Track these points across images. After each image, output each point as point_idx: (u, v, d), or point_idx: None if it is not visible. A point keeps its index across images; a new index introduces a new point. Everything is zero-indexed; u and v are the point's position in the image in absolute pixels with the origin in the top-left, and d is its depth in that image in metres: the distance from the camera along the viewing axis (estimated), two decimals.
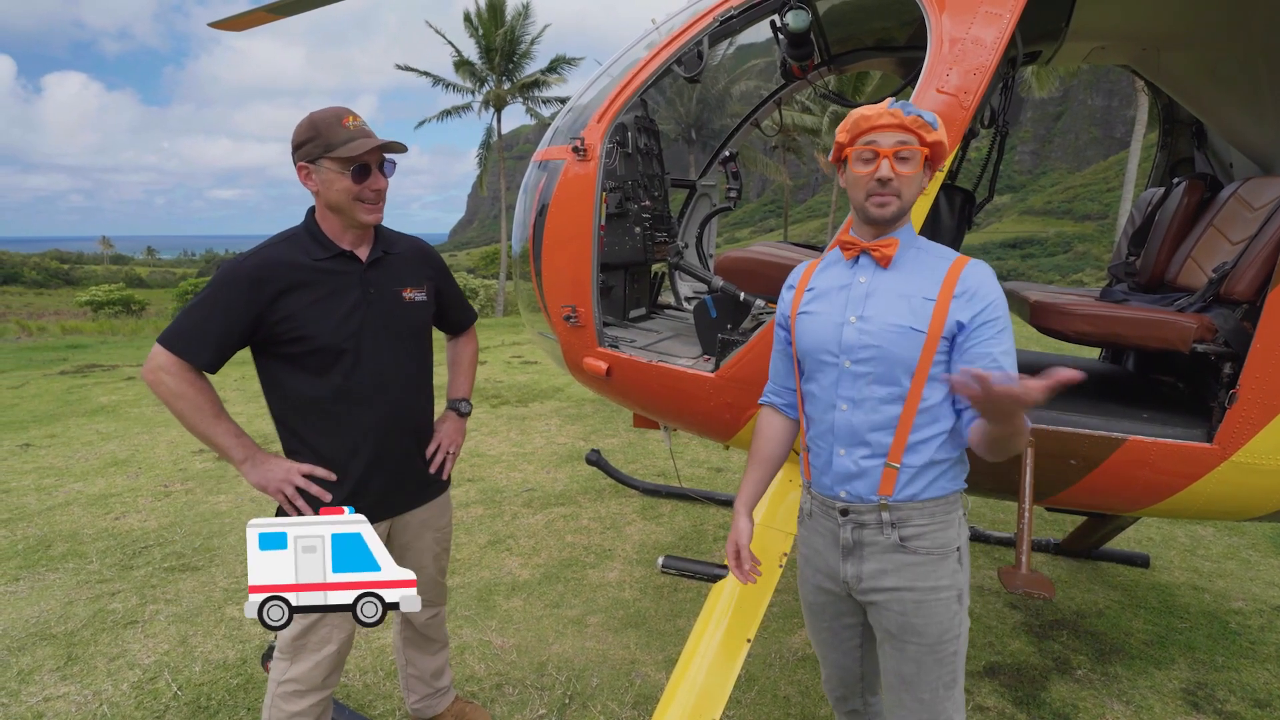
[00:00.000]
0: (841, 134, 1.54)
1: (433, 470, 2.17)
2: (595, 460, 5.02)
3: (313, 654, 1.98)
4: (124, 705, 2.67)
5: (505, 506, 4.68)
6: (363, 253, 1.97)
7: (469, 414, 2.32)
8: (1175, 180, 3.26)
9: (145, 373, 1.82)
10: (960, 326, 1.50)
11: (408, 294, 2.04)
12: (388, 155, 1.91)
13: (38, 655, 2.98)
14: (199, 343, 1.80)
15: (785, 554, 2.40)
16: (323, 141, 1.82)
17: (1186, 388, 2.83)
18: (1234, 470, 2.17)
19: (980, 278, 1.52)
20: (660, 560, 2.49)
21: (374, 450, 1.98)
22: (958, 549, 1.60)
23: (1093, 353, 3.94)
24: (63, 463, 5.59)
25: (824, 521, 1.68)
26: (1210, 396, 2.31)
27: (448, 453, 2.20)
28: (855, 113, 1.53)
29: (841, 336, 1.57)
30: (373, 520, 2.01)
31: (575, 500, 4.78)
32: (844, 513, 1.62)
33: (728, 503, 4.67)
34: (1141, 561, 3.91)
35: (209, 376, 1.86)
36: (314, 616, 1.95)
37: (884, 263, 1.56)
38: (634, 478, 5.03)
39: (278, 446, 2.02)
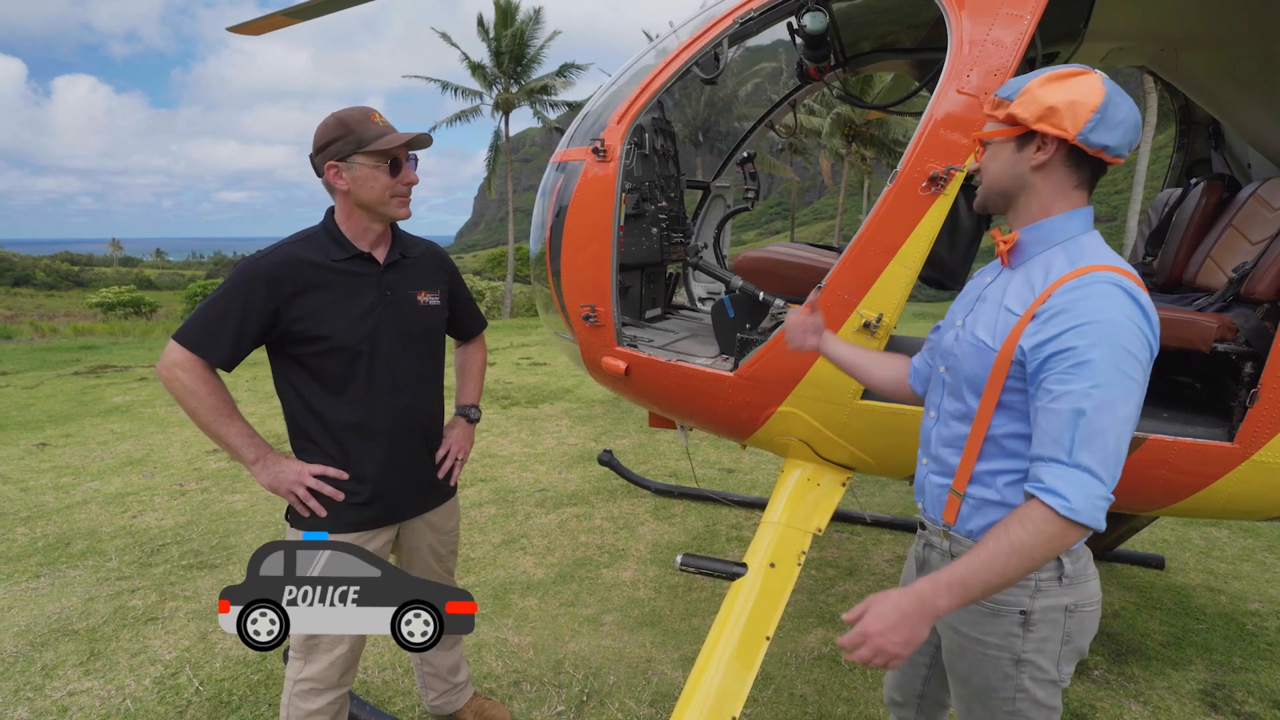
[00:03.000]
0: None
1: (441, 475, 2.17)
2: (607, 461, 5.04)
3: (326, 653, 1.98)
4: (147, 700, 2.70)
5: (518, 506, 4.70)
6: (380, 254, 1.97)
7: (478, 420, 2.33)
8: (1193, 181, 3.26)
9: (160, 369, 1.82)
10: (1023, 352, 1.27)
11: (422, 298, 2.05)
12: (411, 150, 1.94)
13: (60, 651, 3.01)
14: (215, 340, 1.79)
15: (804, 552, 2.41)
16: (355, 138, 1.82)
17: (1205, 388, 2.82)
18: (1255, 469, 2.17)
19: (1076, 295, 1.22)
20: (679, 558, 2.50)
21: (387, 452, 1.98)
22: (1023, 612, 1.36)
23: None
24: (79, 462, 5.65)
25: (918, 535, 1.63)
26: (1230, 396, 2.31)
27: (456, 459, 2.21)
28: None
29: (943, 340, 1.50)
30: (384, 523, 2.03)
31: (588, 500, 4.79)
32: (922, 525, 1.58)
33: (741, 503, 4.68)
34: (1157, 563, 3.90)
35: (223, 376, 1.86)
36: None
37: (1003, 260, 1.42)
38: (646, 478, 5.04)
39: (289, 447, 2.02)
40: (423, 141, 1.92)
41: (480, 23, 29.94)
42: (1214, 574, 3.88)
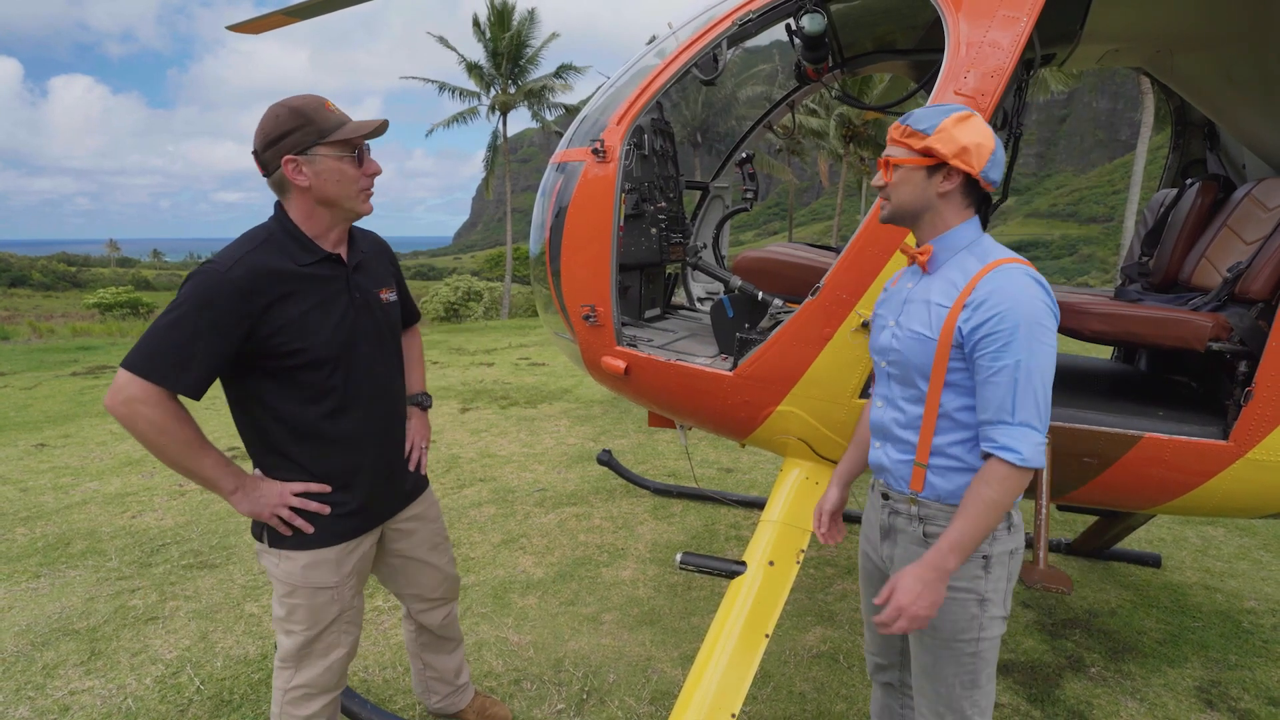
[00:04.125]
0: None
1: (411, 468, 2.13)
2: (606, 460, 5.05)
3: (320, 659, 1.95)
4: (148, 699, 2.71)
5: (517, 506, 4.71)
6: (344, 253, 1.84)
7: (430, 407, 2.27)
8: (1188, 181, 3.28)
9: (114, 405, 1.58)
10: (962, 335, 1.50)
11: (385, 295, 1.95)
12: (366, 140, 1.78)
13: (61, 650, 3.02)
14: (181, 367, 1.59)
15: (803, 550, 2.43)
16: (314, 128, 1.66)
17: (1200, 387, 2.84)
18: (1249, 467, 2.19)
19: (993, 286, 1.47)
20: (678, 557, 2.51)
21: (368, 459, 1.91)
22: (985, 556, 1.59)
23: (1105, 352, 3.96)
24: (78, 462, 5.65)
25: (875, 499, 1.79)
26: (1225, 394, 2.33)
27: (420, 448, 2.18)
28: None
29: (880, 338, 1.68)
30: (368, 529, 1.97)
31: (587, 500, 4.80)
32: (884, 496, 1.73)
33: (740, 502, 4.69)
34: (1153, 561, 3.92)
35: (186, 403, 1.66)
36: (318, 629, 1.91)
37: (923, 268, 1.62)
38: (645, 478, 5.05)
39: (249, 465, 1.90)
40: (381, 130, 1.77)
41: (476, 23, 29.94)
42: (1210, 572, 3.90)
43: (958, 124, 1.51)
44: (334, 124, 1.69)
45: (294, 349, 1.71)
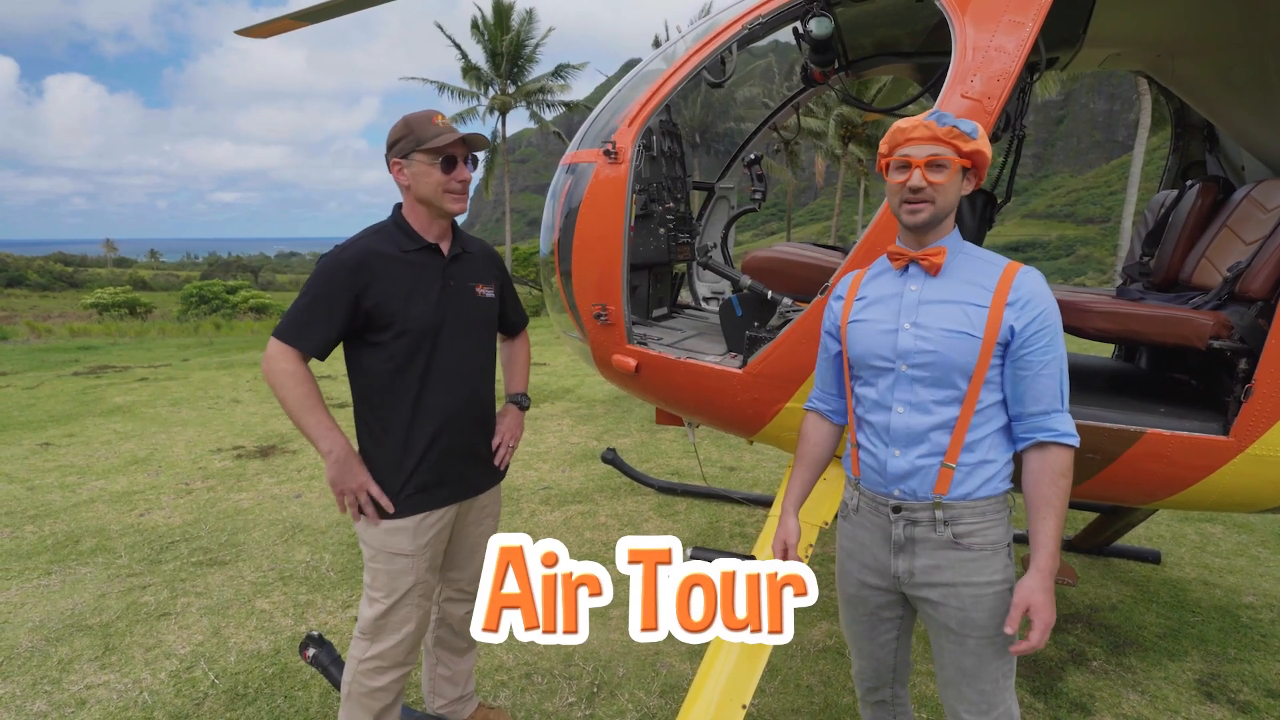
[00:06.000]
0: (883, 145, 1.62)
1: (496, 462, 2.28)
2: (611, 459, 5.08)
3: (393, 633, 2.08)
4: (164, 693, 2.74)
5: (523, 504, 4.74)
6: (445, 247, 2.09)
7: (528, 408, 2.43)
8: (1188, 182, 3.33)
9: (262, 364, 1.95)
10: (1012, 332, 1.55)
11: (480, 290, 2.17)
12: (472, 151, 2.05)
13: (76, 646, 3.05)
14: (305, 332, 1.91)
15: (811, 545, 2.46)
16: (414, 138, 1.95)
17: (1200, 384, 2.89)
18: (1249, 462, 2.24)
19: (1032, 286, 1.57)
20: (689, 551, 2.55)
21: (447, 432, 2.07)
22: (1007, 545, 1.65)
23: (1105, 350, 4.01)
24: (84, 461, 5.67)
25: (872, 518, 1.71)
26: (1225, 391, 2.38)
27: (509, 445, 2.31)
28: (894, 125, 1.61)
29: (896, 342, 1.62)
30: (446, 502, 2.12)
31: (592, 498, 4.84)
32: (896, 509, 1.65)
33: (745, 500, 4.74)
34: (1152, 558, 3.96)
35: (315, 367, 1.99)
36: (394, 598, 2.06)
37: (933, 271, 1.61)
38: (650, 476, 5.09)
39: (301, 442, 2.08)
40: (479, 142, 2.03)
41: (475, 25, 30.00)
42: (1209, 568, 3.95)
43: (982, 134, 1.58)
44: (430, 135, 1.95)
45: (389, 322, 1.96)
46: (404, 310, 1.97)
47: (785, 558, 1.78)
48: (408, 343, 1.99)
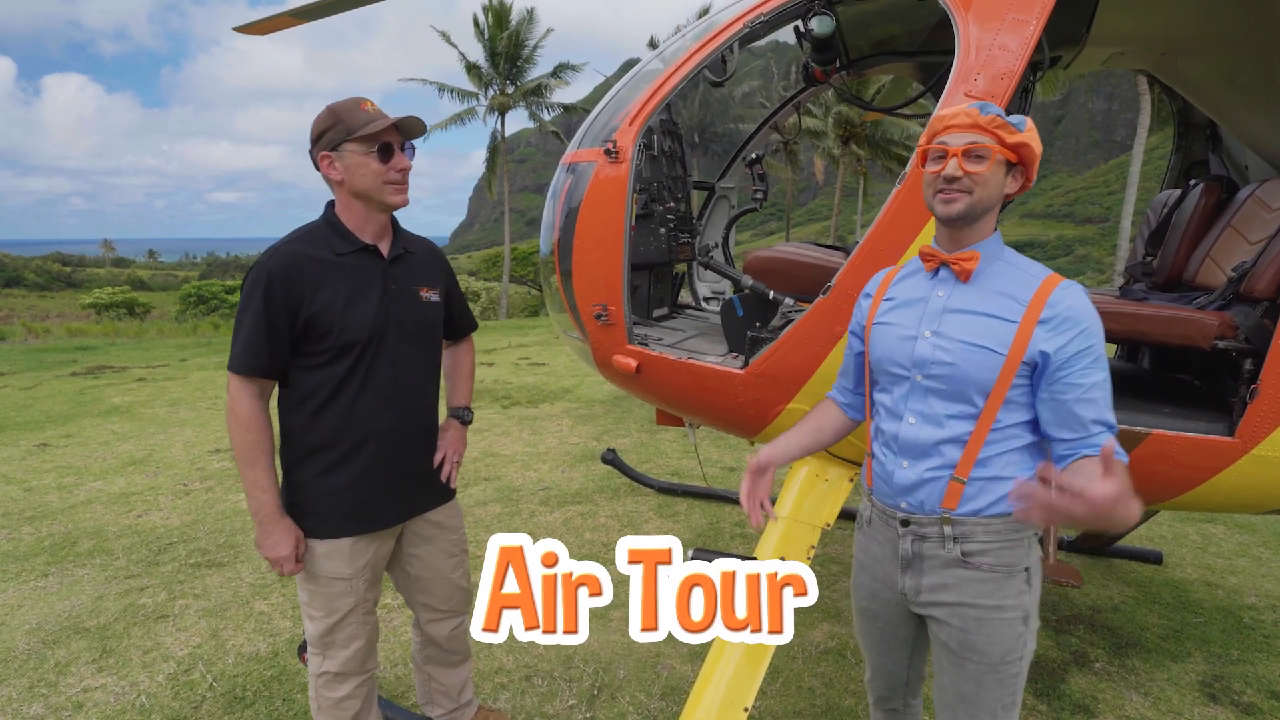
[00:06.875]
0: (922, 137, 1.53)
1: (443, 479, 2.15)
2: (611, 459, 5.07)
3: (342, 648, 2.00)
4: (161, 696, 2.72)
5: (522, 505, 4.72)
6: (384, 247, 1.94)
7: (470, 422, 2.30)
8: (1192, 182, 3.32)
9: (226, 404, 1.83)
10: (1045, 356, 1.42)
11: (425, 293, 2.01)
12: (408, 140, 1.89)
13: (72, 648, 3.03)
14: (252, 353, 1.78)
15: (813, 546, 2.45)
16: (344, 126, 1.78)
17: (1205, 384, 2.88)
18: (1254, 464, 2.22)
19: (1072, 303, 1.43)
20: (690, 552, 2.54)
21: (387, 449, 1.95)
22: (1026, 569, 1.53)
23: (1107, 350, 4.00)
24: (81, 462, 5.65)
25: (884, 530, 1.65)
26: (1230, 392, 2.36)
27: (453, 461, 2.19)
28: (935, 114, 1.53)
29: (914, 350, 1.53)
30: (387, 524, 2.01)
31: (592, 499, 4.82)
32: (904, 524, 1.59)
33: None
34: (1154, 558, 3.96)
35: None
36: (335, 618, 1.96)
37: (963, 277, 1.50)
38: (650, 476, 5.08)
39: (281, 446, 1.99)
40: (414, 127, 1.86)
41: (476, 24, 30.02)
42: (1211, 569, 3.94)
43: (1032, 127, 1.44)
44: (361, 122, 1.78)
45: (326, 331, 1.82)
46: (341, 319, 1.82)
47: (752, 488, 1.71)
48: (345, 354, 1.84)
